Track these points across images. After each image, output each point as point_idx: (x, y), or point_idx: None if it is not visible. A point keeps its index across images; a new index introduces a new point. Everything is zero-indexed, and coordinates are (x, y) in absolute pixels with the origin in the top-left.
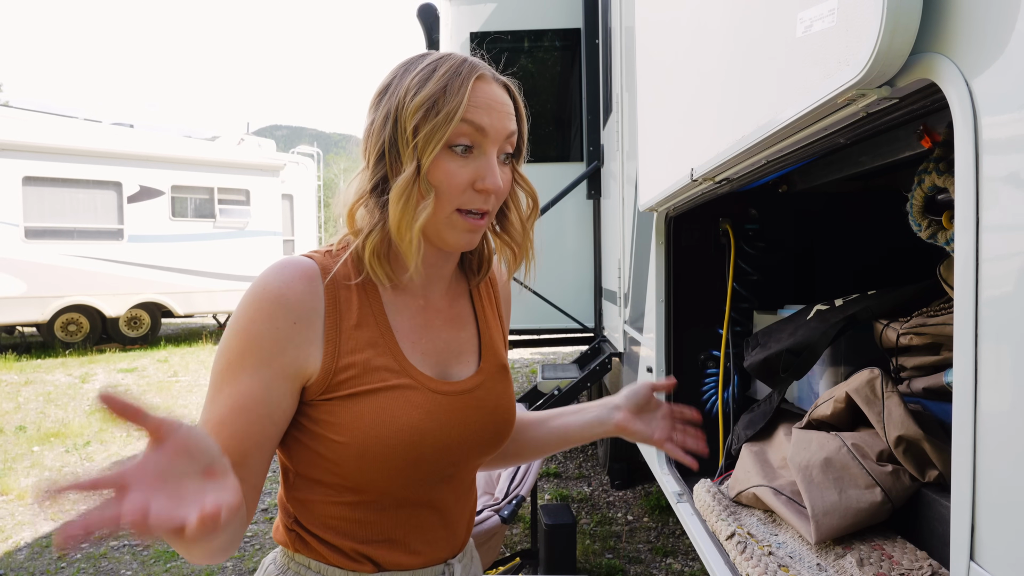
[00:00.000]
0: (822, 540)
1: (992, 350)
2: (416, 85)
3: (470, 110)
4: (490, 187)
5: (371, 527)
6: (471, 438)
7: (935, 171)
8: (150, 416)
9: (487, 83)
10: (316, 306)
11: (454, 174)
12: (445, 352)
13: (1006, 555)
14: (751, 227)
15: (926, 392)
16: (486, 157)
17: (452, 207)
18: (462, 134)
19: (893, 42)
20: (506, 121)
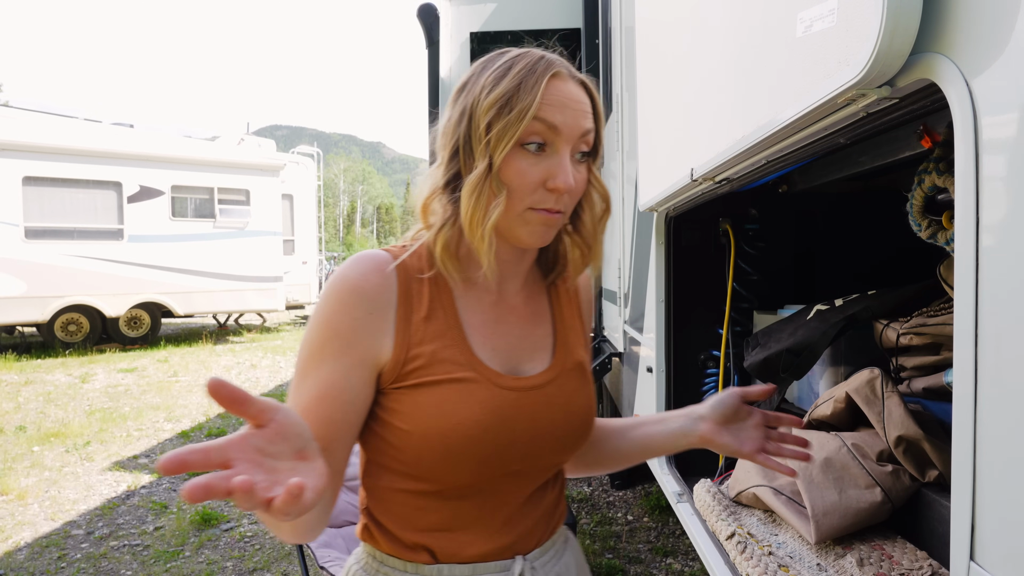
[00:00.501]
0: (822, 540)
1: (992, 350)
2: (491, 83)
3: (543, 108)
4: (561, 186)
5: (431, 515)
6: (540, 435)
7: (935, 171)
8: (255, 401)
9: (563, 80)
10: (389, 297)
11: (525, 172)
12: (517, 348)
13: (1006, 555)
14: (751, 227)
15: (926, 392)
16: (559, 156)
17: (524, 205)
18: (534, 132)
19: (893, 42)
20: (581, 119)
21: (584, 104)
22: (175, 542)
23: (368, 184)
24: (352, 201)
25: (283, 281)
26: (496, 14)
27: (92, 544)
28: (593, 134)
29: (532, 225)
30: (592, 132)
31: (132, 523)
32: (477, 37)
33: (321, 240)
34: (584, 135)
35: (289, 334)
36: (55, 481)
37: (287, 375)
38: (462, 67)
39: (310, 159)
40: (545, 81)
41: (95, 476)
